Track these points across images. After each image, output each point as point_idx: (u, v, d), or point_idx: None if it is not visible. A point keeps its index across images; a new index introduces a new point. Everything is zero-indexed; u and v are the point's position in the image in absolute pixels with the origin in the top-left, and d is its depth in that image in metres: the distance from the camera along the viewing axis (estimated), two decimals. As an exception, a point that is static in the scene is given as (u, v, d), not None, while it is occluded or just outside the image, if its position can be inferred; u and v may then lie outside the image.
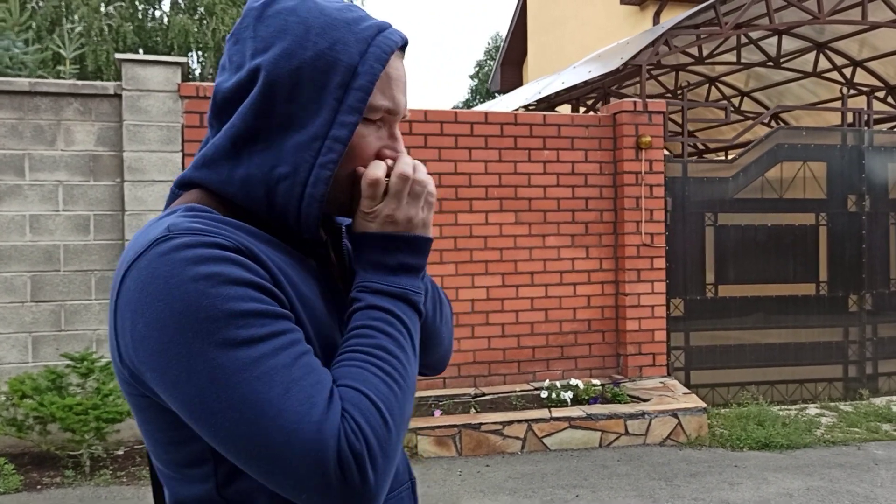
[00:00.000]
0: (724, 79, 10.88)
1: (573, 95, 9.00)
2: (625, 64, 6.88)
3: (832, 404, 6.93)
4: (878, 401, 7.04)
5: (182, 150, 5.52)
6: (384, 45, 0.97)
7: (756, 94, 10.99)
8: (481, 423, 5.23)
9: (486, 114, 6.31)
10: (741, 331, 6.93)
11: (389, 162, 0.99)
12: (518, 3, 20.24)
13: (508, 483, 4.67)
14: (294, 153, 0.93)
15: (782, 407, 6.84)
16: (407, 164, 0.99)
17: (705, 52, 9.00)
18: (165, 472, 0.96)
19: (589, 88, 8.69)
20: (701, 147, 11.92)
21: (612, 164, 6.62)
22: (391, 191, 0.97)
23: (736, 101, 11.09)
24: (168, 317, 0.82)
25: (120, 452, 5.17)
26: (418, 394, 5.79)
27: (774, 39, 8.95)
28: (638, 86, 10.72)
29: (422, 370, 1.15)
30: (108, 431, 4.94)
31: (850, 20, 7.42)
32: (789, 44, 9.17)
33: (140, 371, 0.87)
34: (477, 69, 33.25)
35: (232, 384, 0.81)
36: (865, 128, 7.29)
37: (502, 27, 47.84)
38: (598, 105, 9.42)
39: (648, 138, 6.52)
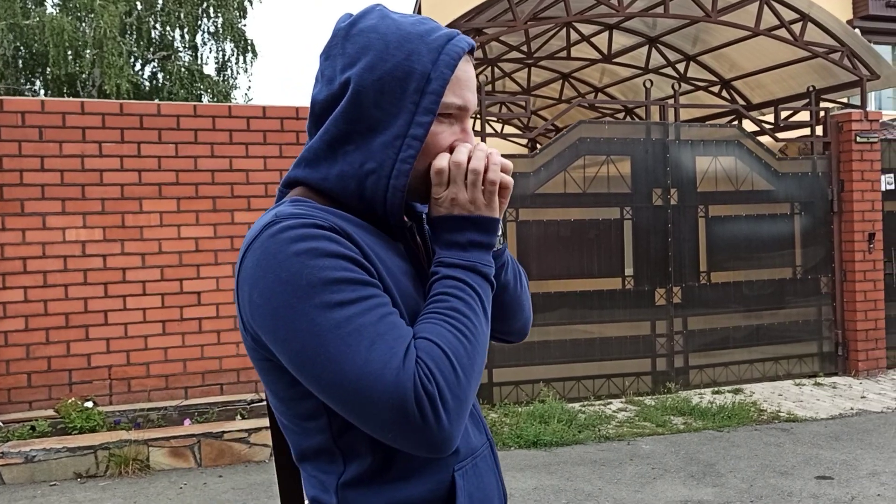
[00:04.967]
0: (578, 75, 10.88)
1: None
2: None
3: (637, 399, 6.90)
4: (687, 394, 7.04)
5: None
6: (453, 52, 1.10)
7: (610, 90, 11.02)
8: (224, 432, 5.00)
9: (265, 108, 6.08)
10: (545, 327, 6.84)
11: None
12: (416, 3, 20.17)
13: (227, 495, 4.46)
14: (380, 151, 1.08)
15: (586, 403, 6.78)
16: (461, 153, 1.11)
17: (534, 48, 8.93)
18: (289, 426, 1.11)
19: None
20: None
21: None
22: (451, 177, 1.11)
23: (591, 96, 11.11)
24: (276, 285, 0.98)
25: None
26: (157, 403, 5.58)
27: (608, 35, 8.96)
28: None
29: (508, 338, 1.35)
30: None
31: (657, 14, 7.40)
32: (626, 39, 9.19)
33: (258, 335, 1.02)
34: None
35: (328, 339, 0.96)
36: (672, 122, 7.28)
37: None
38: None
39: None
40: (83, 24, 18.18)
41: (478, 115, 6.83)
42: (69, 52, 17.58)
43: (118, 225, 5.58)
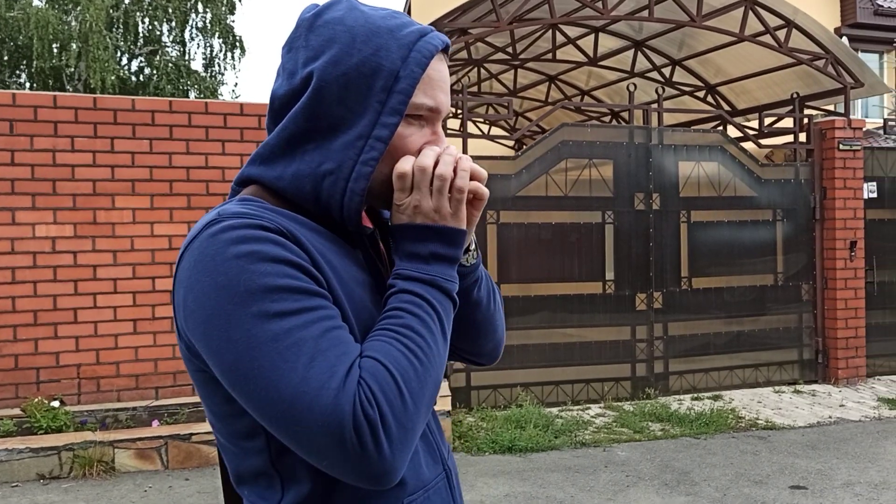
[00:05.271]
0: (564, 77, 10.85)
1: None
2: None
3: (616, 404, 6.85)
4: (666, 400, 7.00)
5: None
6: (425, 49, 1.03)
7: (596, 93, 10.99)
8: (192, 434, 4.91)
9: (242, 105, 6.00)
10: (525, 331, 6.78)
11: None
12: (406, 3, 20.12)
13: (193, 498, 4.38)
14: (340, 151, 1.01)
15: (564, 408, 6.72)
16: (427, 156, 1.03)
17: (519, 49, 8.89)
18: (226, 445, 1.04)
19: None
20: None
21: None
22: (414, 183, 1.02)
23: (577, 99, 11.07)
24: (212, 290, 0.90)
25: None
26: (127, 404, 5.48)
27: (594, 37, 8.92)
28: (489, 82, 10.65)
29: (478, 360, 1.25)
30: None
31: (642, 18, 7.36)
32: (612, 42, 9.15)
33: (192, 342, 0.95)
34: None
35: (263, 353, 0.88)
36: (655, 126, 7.24)
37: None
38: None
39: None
40: (69, 17, 18.01)
41: (459, 115, 6.75)
42: (54, 46, 17.42)
43: (90, 221, 5.48)
